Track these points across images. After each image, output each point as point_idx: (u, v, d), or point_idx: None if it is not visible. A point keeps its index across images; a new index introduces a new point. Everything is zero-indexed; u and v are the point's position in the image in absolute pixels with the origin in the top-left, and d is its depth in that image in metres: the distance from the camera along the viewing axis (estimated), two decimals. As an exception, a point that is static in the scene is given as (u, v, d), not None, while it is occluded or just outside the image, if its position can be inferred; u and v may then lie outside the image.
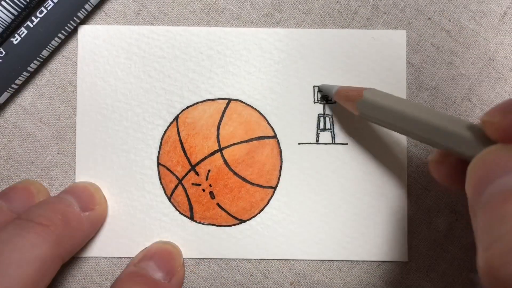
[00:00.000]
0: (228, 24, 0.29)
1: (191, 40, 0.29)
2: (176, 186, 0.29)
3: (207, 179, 0.29)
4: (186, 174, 0.29)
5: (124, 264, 0.28)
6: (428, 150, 0.29)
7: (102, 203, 0.28)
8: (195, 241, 0.28)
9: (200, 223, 0.29)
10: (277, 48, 0.29)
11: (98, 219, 0.28)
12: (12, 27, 0.28)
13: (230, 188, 0.28)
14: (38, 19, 0.27)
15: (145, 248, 0.28)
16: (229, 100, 0.29)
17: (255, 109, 0.29)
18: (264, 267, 0.28)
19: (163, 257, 0.27)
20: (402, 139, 0.28)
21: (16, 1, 0.27)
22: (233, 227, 0.28)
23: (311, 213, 0.28)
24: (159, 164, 0.29)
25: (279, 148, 0.29)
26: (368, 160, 0.28)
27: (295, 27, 0.29)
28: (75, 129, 0.29)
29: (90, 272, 0.28)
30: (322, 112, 0.29)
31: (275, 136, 0.29)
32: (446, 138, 0.22)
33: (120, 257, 0.28)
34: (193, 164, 0.29)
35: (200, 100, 0.29)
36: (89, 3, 0.28)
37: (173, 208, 0.29)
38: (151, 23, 0.29)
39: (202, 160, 0.29)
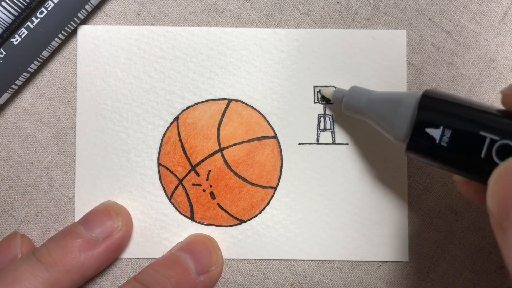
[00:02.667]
0: (229, 24, 0.29)
1: (191, 40, 0.29)
2: (176, 187, 0.29)
3: (207, 179, 0.29)
4: (187, 175, 0.29)
5: (124, 265, 0.28)
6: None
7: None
8: (196, 241, 0.28)
9: (201, 223, 0.29)
10: (277, 48, 0.29)
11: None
12: (13, 27, 0.28)
13: (230, 189, 0.28)
14: (38, 19, 0.27)
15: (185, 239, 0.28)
16: (230, 100, 0.29)
17: (256, 109, 0.29)
18: (265, 268, 0.28)
19: (199, 251, 0.26)
20: (403, 139, 0.28)
21: (17, 2, 0.27)
22: (233, 227, 0.28)
23: (311, 213, 0.28)
24: (159, 164, 0.29)
25: (280, 148, 0.29)
26: (368, 160, 0.28)
27: (296, 27, 0.29)
28: (75, 130, 0.29)
29: (91, 273, 0.28)
30: (322, 112, 0.29)
31: (275, 136, 0.29)
32: None
33: (120, 258, 0.28)
34: (193, 164, 0.29)
35: (200, 101, 0.29)
36: (89, 3, 0.28)
37: (174, 209, 0.29)
38: (151, 24, 0.29)
39: (203, 160, 0.29)
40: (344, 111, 0.27)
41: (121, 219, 0.27)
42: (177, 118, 0.29)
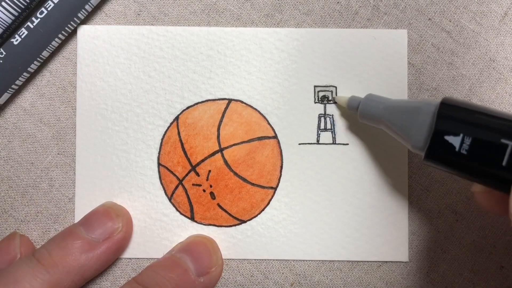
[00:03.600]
0: (229, 24, 0.29)
1: (191, 40, 0.29)
2: (176, 187, 0.29)
3: (207, 179, 0.29)
4: (187, 175, 0.29)
5: (124, 265, 0.28)
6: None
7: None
8: (196, 241, 0.28)
9: (201, 223, 0.29)
10: (277, 48, 0.29)
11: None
12: (13, 27, 0.28)
13: (230, 189, 0.28)
14: (39, 19, 0.27)
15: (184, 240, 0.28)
16: (230, 100, 0.29)
17: (256, 109, 0.29)
18: (265, 268, 0.28)
19: (200, 252, 0.27)
20: (403, 139, 0.28)
21: (17, 2, 0.27)
22: (233, 227, 0.28)
23: (311, 214, 0.28)
24: (159, 164, 0.29)
25: (280, 148, 0.29)
26: (368, 161, 0.28)
27: (296, 27, 0.29)
28: (75, 130, 0.29)
29: (91, 273, 0.28)
30: (322, 112, 0.29)
31: (275, 137, 0.29)
32: None
33: (120, 258, 0.28)
34: (193, 164, 0.29)
35: (200, 101, 0.29)
36: (89, 3, 0.28)
37: (174, 209, 0.29)
38: (151, 24, 0.29)
39: (203, 160, 0.29)
40: (360, 119, 0.26)
41: (121, 220, 0.27)
42: (177, 118, 0.29)
